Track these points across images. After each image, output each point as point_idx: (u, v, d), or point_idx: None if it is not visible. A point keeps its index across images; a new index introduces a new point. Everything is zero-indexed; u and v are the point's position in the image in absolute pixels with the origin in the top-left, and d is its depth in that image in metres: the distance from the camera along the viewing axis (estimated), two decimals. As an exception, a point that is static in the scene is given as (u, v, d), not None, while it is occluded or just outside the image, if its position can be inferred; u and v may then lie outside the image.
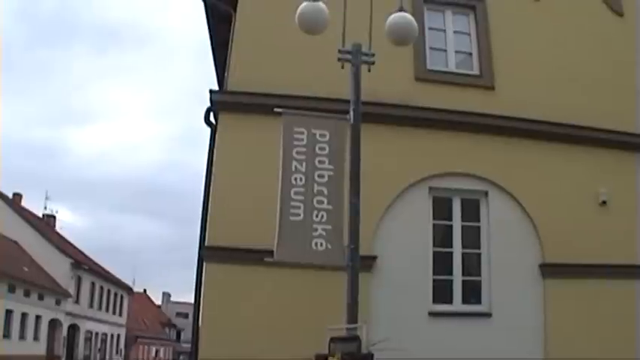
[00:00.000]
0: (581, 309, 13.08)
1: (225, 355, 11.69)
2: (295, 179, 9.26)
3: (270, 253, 9.27)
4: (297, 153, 9.37)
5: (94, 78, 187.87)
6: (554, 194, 13.57)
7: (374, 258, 12.38)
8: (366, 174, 9.44)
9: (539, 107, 13.82)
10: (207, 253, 12.44)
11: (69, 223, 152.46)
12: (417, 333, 12.03)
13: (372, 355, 7.62)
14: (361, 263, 9.16)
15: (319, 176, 9.30)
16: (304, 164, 9.33)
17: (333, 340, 8.50)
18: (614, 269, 13.38)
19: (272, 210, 9.36)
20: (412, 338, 11.31)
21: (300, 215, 9.11)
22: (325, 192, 9.23)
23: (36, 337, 54.62)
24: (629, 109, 14.39)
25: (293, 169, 9.31)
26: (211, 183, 12.84)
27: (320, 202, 9.18)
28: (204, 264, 12.45)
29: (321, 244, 8.99)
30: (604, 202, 13.72)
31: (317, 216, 9.11)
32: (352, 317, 8.62)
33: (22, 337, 51.91)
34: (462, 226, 13.26)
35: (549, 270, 13.20)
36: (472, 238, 13.25)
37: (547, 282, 13.21)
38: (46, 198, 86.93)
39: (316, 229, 9.04)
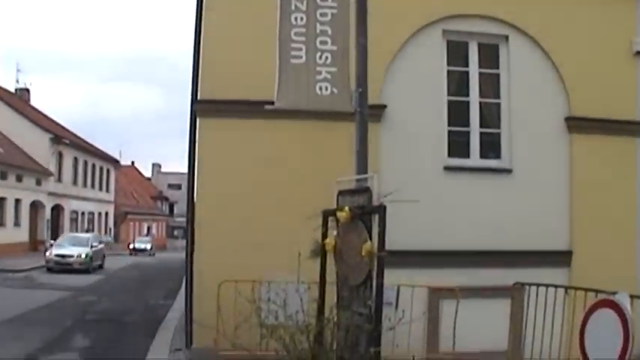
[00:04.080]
0: (608, 167, 13.21)
1: (224, 217, 11.87)
2: (295, 19, 9.07)
3: (271, 103, 9.20)
4: None
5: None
6: (584, 41, 13.36)
7: (383, 107, 12.35)
8: (373, 14, 9.27)
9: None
10: (201, 108, 12.43)
11: (49, 97, 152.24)
12: (431, 188, 12.20)
13: (385, 207, 7.63)
14: (369, 112, 9.13)
15: (322, 15, 9.10)
16: (305, 2, 9.11)
17: (341, 193, 8.56)
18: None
19: (270, 57, 9.24)
20: (426, 193, 11.44)
21: (302, 57, 8.97)
22: (329, 32, 9.06)
23: (17, 223, 54.49)
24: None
25: (292, 7, 9.10)
26: (202, 30, 12.63)
27: (323, 42, 9.02)
28: (198, 120, 12.47)
29: (326, 89, 8.90)
30: (638, 53, 13.49)
31: (320, 58, 8.97)
32: (362, 167, 8.66)
33: (0, 224, 51.83)
34: (480, 74, 13.13)
35: (576, 124, 13.21)
36: (491, 86, 13.18)
37: (573, 137, 13.26)
38: (18, 70, 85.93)
39: (320, 72, 8.93)
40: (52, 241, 45.47)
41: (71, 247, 40.07)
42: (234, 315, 9.49)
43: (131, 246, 70.34)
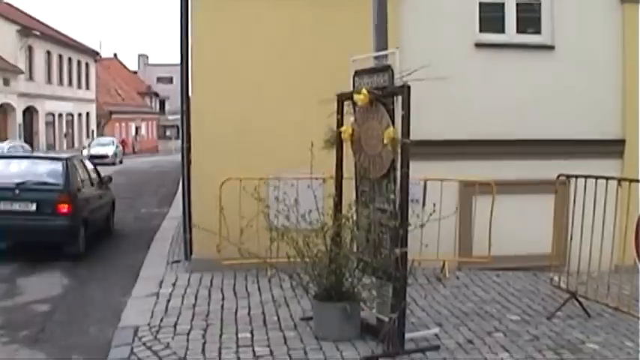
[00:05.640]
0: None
1: (225, 109, 11.86)
2: None
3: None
4: None
5: None
6: None
7: (403, -27, 12.19)
8: None
9: None
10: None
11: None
12: (461, 67, 12.09)
13: (409, 87, 7.57)
14: (388, -20, 9.00)
15: None
16: None
17: (358, 73, 8.51)
18: None
19: None
20: (455, 73, 11.27)
21: None
22: None
23: (-17, 132, 54.43)
24: None
25: None
26: None
27: None
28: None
29: (338, -48, 8.80)
30: None
31: None
32: (381, 43, 8.56)
33: (-36, 134, 51.17)
34: None
35: (629, -8, 12.99)
36: (529, -52, 12.97)
37: (626, 7, 13.06)
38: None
39: None
40: None
41: None
42: (239, 217, 9.57)
43: (85, 152, 55.80)
